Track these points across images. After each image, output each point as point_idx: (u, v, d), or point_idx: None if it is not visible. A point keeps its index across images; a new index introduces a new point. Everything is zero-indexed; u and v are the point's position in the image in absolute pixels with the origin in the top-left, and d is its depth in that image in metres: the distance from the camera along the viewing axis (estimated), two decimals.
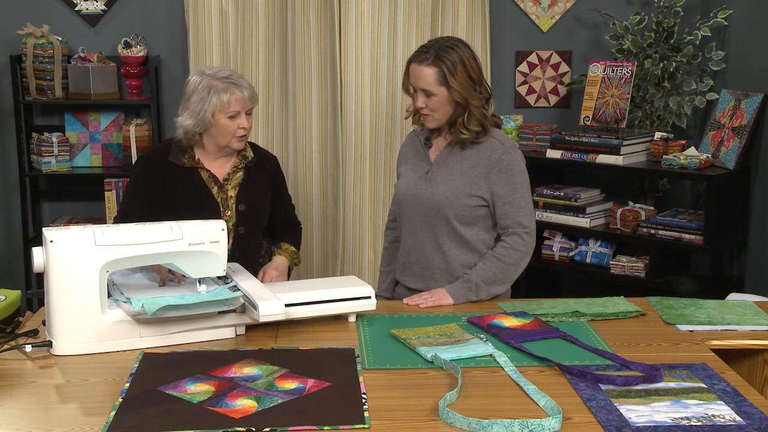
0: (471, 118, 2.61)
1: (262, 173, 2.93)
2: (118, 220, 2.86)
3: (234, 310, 2.23)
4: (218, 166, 2.87)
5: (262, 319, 2.17)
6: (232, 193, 2.85)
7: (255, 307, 2.18)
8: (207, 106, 2.74)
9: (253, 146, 2.97)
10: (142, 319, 2.15)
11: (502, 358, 2.06)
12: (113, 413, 1.77)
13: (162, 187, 2.81)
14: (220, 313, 2.22)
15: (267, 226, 2.99)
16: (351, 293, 2.35)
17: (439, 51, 2.58)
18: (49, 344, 2.12)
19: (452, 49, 2.58)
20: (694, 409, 1.81)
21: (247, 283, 2.33)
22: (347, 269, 4.38)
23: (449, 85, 2.56)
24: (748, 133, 3.79)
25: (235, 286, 2.31)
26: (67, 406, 1.84)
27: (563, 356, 2.09)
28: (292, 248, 2.98)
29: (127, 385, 1.92)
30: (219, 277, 2.38)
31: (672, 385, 1.93)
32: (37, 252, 2.12)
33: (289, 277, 2.97)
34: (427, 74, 2.58)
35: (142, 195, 2.84)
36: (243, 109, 2.78)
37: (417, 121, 2.73)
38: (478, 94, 2.61)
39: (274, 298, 2.21)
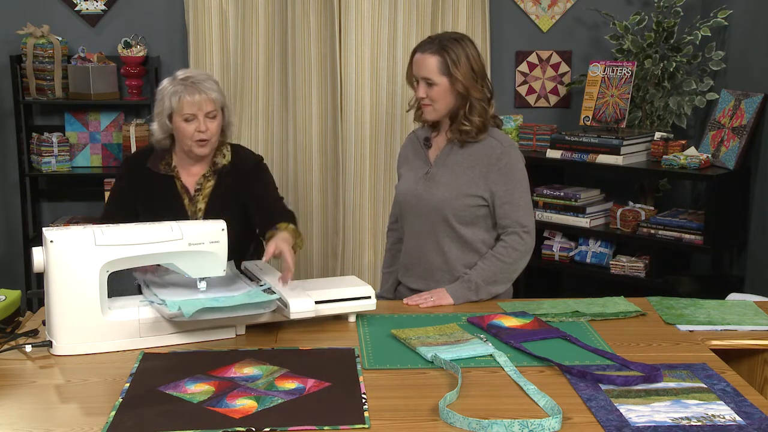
0: (473, 111, 2.61)
1: (234, 180, 2.81)
2: (100, 221, 2.82)
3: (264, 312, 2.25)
4: (192, 174, 2.80)
5: (292, 317, 2.21)
6: (201, 205, 2.78)
7: (285, 305, 2.21)
8: (163, 109, 2.71)
9: (235, 150, 2.86)
10: (142, 320, 2.16)
11: (502, 358, 2.06)
12: (113, 413, 1.77)
13: (141, 192, 2.79)
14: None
15: (254, 224, 2.85)
16: (351, 293, 2.35)
17: (444, 42, 2.60)
18: (49, 344, 2.12)
19: (457, 41, 2.61)
20: (694, 409, 1.81)
21: (273, 280, 2.36)
22: (347, 269, 4.38)
23: (451, 74, 2.57)
24: (748, 133, 3.79)
25: (270, 288, 2.32)
26: (67, 406, 1.84)
27: (563, 356, 2.09)
28: (291, 226, 2.70)
29: (127, 385, 1.92)
30: (251, 279, 2.42)
31: (672, 385, 1.93)
32: (37, 252, 2.12)
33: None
34: (430, 62, 2.59)
35: (123, 197, 2.82)
36: (200, 112, 2.68)
37: (418, 117, 2.74)
38: (480, 87, 2.62)
39: (304, 296, 2.24)
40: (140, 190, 2.79)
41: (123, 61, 4.33)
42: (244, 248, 2.82)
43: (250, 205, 2.81)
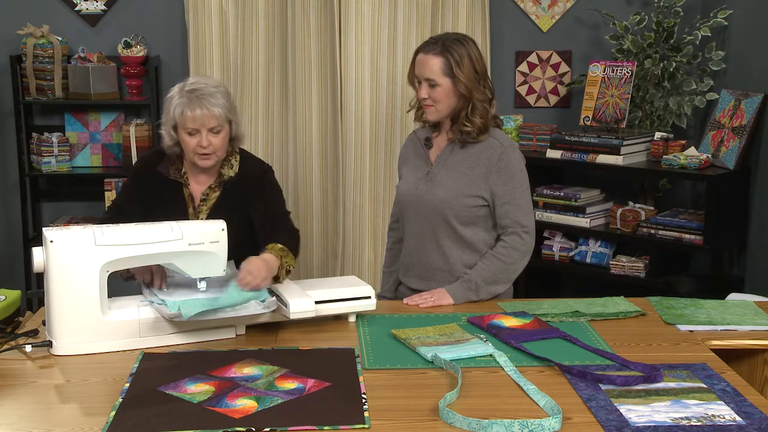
0: (474, 111, 2.61)
1: (239, 192, 2.73)
2: (109, 211, 2.82)
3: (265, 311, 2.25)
4: (200, 183, 2.76)
5: (292, 317, 2.22)
6: (203, 216, 2.73)
7: (285, 305, 2.22)
8: (168, 119, 2.66)
9: (243, 160, 2.77)
10: (142, 320, 2.16)
11: (502, 358, 2.06)
12: (113, 413, 1.77)
13: (150, 192, 2.77)
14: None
15: (256, 238, 2.75)
16: (351, 293, 2.36)
17: (447, 42, 2.60)
18: (49, 344, 2.12)
19: (460, 42, 2.61)
20: (694, 409, 1.81)
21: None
22: (347, 269, 4.38)
23: (454, 75, 2.57)
24: (748, 133, 3.79)
25: (268, 287, 2.32)
26: (67, 406, 1.85)
27: (563, 356, 2.09)
28: (279, 245, 2.52)
29: (127, 385, 1.92)
30: None
31: (672, 385, 1.93)
32: (37, 252, 2.12)
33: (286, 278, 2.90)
34: (433, 63, 2.59)
35: (135, 193, 2.81)
36: (202, 128, 2.60)
37: (419, 117, 2.74)
38: (482, 89, 2.62)
39: (304, 296, 2.25)
40: (150, 190, 2.77)
41: (123, 61, 4.33)
42: (244, 253, 2.80)
43: (253, 218, 2.74)
